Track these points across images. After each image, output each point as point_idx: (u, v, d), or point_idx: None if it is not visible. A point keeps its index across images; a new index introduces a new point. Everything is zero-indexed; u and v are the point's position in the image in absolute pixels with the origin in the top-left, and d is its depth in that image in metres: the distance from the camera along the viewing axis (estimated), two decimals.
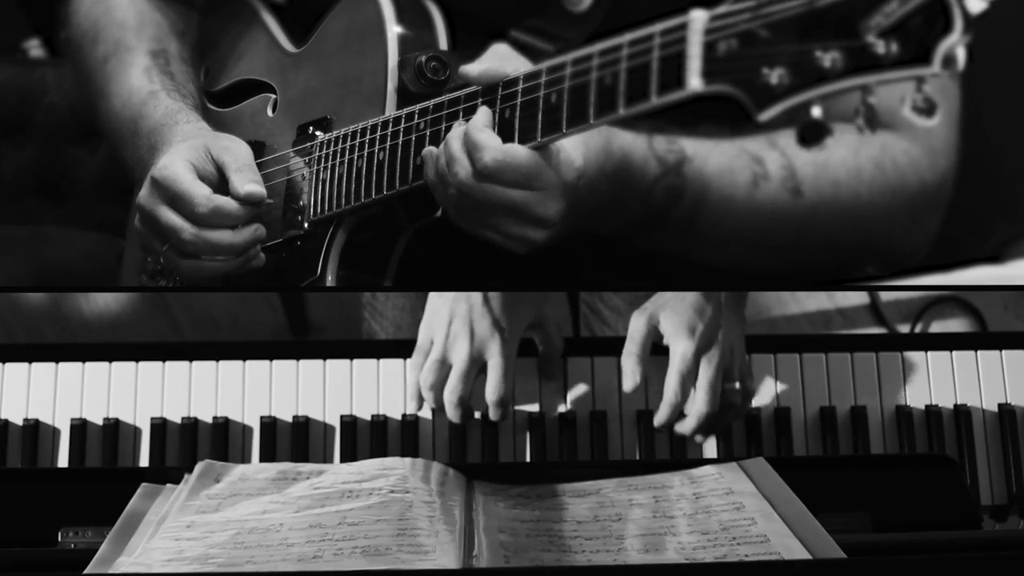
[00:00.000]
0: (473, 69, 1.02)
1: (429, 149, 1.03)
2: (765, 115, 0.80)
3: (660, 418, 1.21)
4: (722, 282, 1.18)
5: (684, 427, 1.21)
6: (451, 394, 1.20)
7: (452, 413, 1.21)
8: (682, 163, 1.04)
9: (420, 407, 1.24)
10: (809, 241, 1.09)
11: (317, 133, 1.15)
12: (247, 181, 1.09)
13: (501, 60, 1.02)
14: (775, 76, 0.79)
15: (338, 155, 1.11)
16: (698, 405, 1.19)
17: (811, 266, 1.12)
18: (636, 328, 1.21)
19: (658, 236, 1.08)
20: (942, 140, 1.10)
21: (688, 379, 1.19)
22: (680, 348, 1.19)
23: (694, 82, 0.83)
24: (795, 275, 1.13)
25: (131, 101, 1.21)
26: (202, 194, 1.08)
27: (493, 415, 1.21)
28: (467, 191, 0.98)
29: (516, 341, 1.22)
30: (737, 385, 1.21)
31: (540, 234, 1.00)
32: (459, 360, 1.20)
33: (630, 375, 1.21)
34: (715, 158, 1.05)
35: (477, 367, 1.21)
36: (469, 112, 1.00)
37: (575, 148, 0.99)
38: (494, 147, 0.97)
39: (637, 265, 1.17)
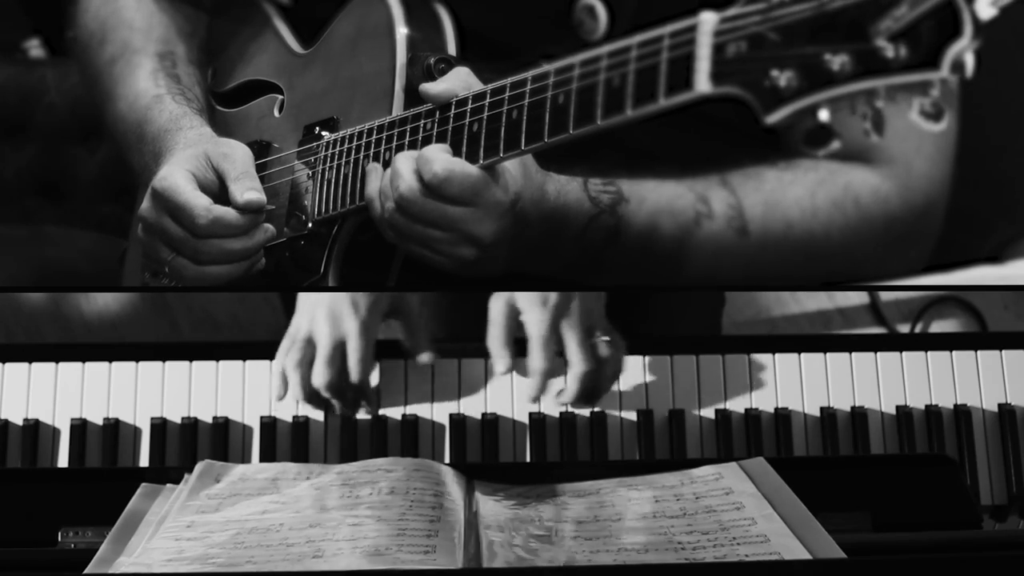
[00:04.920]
0: (434, 87, 1.04)
1: (373, 165, 1.06)
2: (773, 118, 0.79)
3: (532, 391, 1.21)
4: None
5: (567, 396, 1.22)
6: (318, 378, 1.21)
7: (314, 399, 1.22)
8: (617, 203, 1.05)
9: (284, 392, 1.24)
10: (762, 274, 1.09)
11: (323, 133, 1.15)
12: (246, 189, 1.09)
13: (463, 82, 1.04)
14: (784, 79, 0.79)
15: (343, 155, 1.11)
16: (575, 367, 1.20)
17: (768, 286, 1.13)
18: (495, 310, 1.22)
19: (605, 275, 1.09)
20: (922, 176, 1.09)
21: (548, 344, 1.19)
22: (535, 317, 1.20)
23: (702, 84, 0.82)
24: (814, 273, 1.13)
25: (137, 104, 1.21)
26: (202, 205, 1.08)
27: (351, 400, 1.23)
28: (405, 205, 1.01)
29: (376, 321, 1.23)
30: (606, 337, 1.21)
31: (471, 253, 1.02)
32: (322, 343, 1.22)
33: (499, 358, 1.22)
34: (654, 198, 1.06)
35: (339, 349, 1.22)
36: (477, 112, 1.00)
37: (511, 174, 1.01)
38: (444, 158, 1.00)
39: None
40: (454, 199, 0.99)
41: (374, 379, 1.26)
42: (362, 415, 1.25)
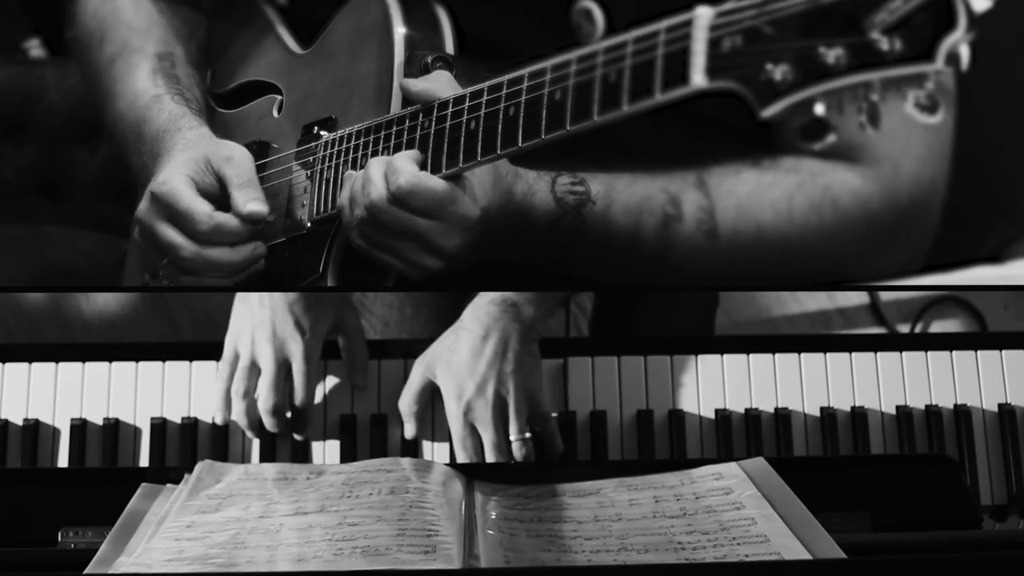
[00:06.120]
0: (415, 84, 1.05)
1: (350, 172, 1.07)
2: (768, 111, 0.80)
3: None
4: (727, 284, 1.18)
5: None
6: (264, 403, 1.22)
7: (268, 422, 1.22)
8: (582, 205, 1.05)
9: (229, 416, 1.24)
10: (734, 275, 1.09)
11: (322, 133, 1.15)
12: (249, 199, 1.09)
13: (442, 84, 1.04)
14: (779, 72, 0.79)
15: (342, 154, 1.11)
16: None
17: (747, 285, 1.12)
18: (413, 378, 1.24)
19: (572, 271, 1.10)
20: (908, 177, 1.08)
21: (467, 443, 1.20)
22: (451, 412, 1.21)
23: (698, 79, 0.83)
24: (792, 274, 1.13)
25: (136, 104, 1.21)
26: (203, 211, 1.08)
27: (297, 424, 1.23)
28: (375, 213, 1.01)
29: (319, 342, 1.24)
30: (527, 435, 1.21)
31: (435, 263, 1.03)
32: (266, 367, 1.22)
33: (407, 423, 1.24)
34: (623, 199, 1.06)
35: (284, 371, 1.22)
36: (474, 110, 1.00)
37: (481, 186, 1.02)
38: (411, 172, 1.00)
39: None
40: (420, 212, 1.00)
41: (317, 397, 1.26)
42: (299, 437, 1.25)
